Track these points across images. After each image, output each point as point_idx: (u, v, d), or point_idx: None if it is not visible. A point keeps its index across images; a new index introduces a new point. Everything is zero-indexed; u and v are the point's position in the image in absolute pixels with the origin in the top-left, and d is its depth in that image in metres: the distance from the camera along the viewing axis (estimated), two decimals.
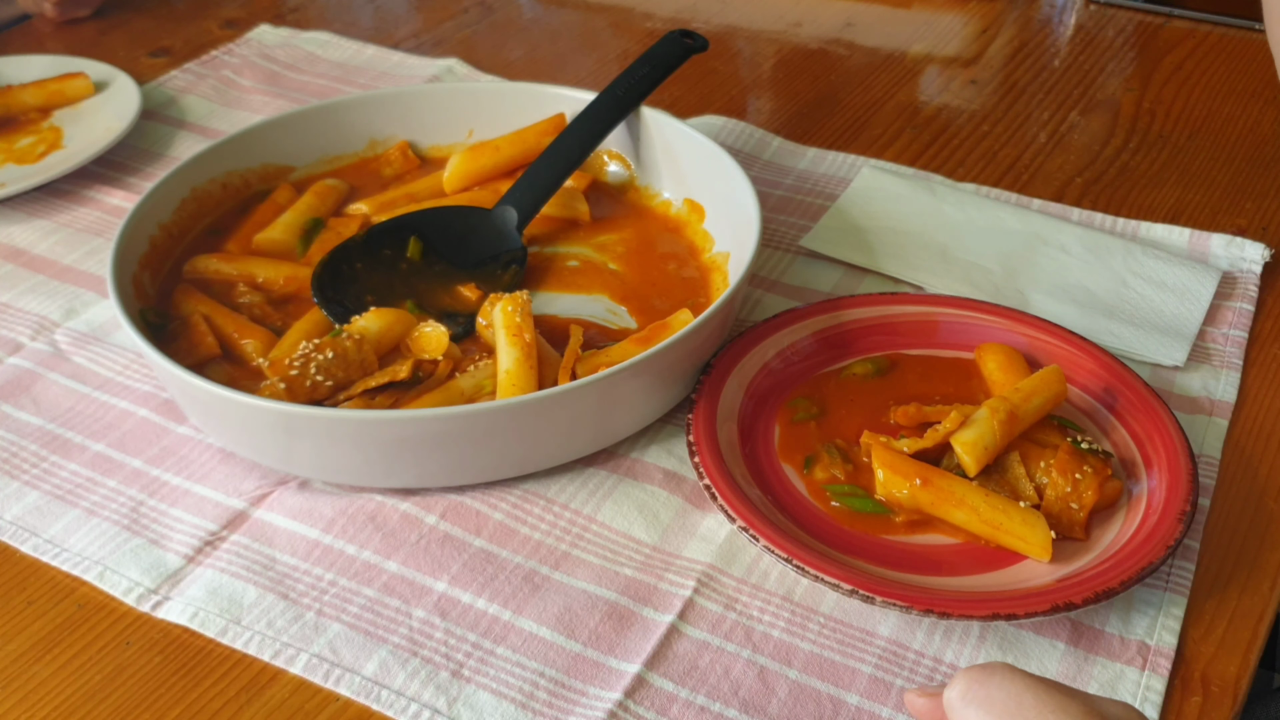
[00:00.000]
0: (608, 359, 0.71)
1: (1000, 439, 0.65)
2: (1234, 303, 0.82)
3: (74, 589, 0.65)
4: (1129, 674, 0.58)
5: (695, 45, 0.90)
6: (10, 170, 0.99)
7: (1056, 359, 0.73)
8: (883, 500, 0.65)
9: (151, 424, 0.75)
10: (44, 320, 0.84)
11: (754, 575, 0.64)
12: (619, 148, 0.92)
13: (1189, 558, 0.64)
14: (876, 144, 1.03)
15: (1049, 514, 0.63)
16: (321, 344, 0.71)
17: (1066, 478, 0.64)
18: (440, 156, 0.95)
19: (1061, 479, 0.64)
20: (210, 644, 0.62)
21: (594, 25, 1.27)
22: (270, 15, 1.28)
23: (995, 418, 0.65)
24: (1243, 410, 0.74)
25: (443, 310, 0.80)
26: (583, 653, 0.60)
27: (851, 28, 1.24)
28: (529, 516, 0.68)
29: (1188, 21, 1.22)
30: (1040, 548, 0.62)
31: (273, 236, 0.85)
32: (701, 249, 0.85)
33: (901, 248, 0.87)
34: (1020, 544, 0.62)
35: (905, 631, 0.61)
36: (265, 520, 0.68)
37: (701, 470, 0.65)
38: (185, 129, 1.07)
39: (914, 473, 0.64)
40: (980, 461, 0.64)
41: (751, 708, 0.57)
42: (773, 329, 0.75)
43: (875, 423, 0.70)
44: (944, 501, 0.63)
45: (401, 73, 1.15)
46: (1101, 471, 0.64)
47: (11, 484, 0.71)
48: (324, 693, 0.59)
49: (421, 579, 0.64)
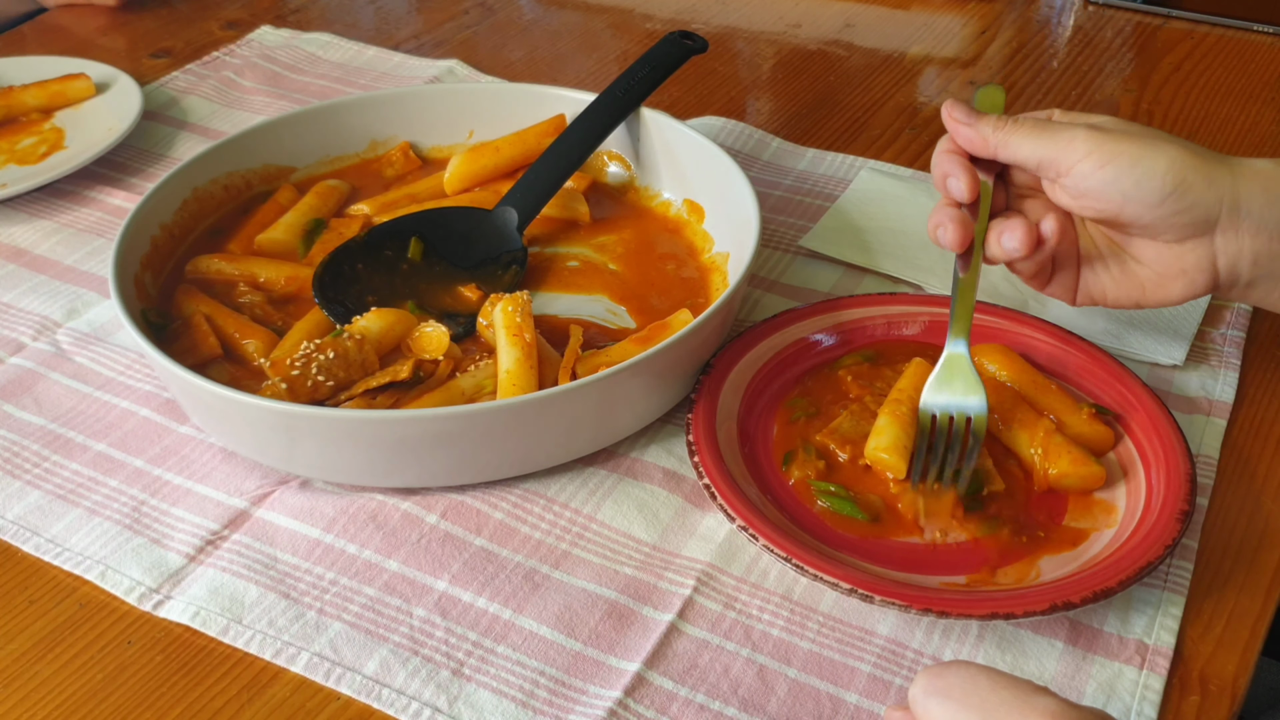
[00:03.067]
0: (608, 359, 0.71)
1: (910, 435, 0.66)
2: (1232, 303, 0.82)
3: (76, 588, 0.65)
4: (1127, 673, 0.59)
5: (695, 46, 0.91)
6: (12, 171, 0.99)
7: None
8: (856, 501, 0.66)
9: (153, 424, 0.75)
10: (46, 320, 0.84)
11: (753, 574, 0.64)
12: (619, 148, 0.93)
13: (1187, 557, 0.64)
14: (875, 144, 1.03)
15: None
16: (323, 344, 0.71)
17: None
18: (441, 157, 0.95)
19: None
20: (211, 643, 0.62)
21: (594, 26, 1.27)
22: (271, 16, 1.29)
23: (899, 419, 0.67)
24: (1241, 410, 0.74)
25: (443, 310, 0.80)
26: (583, 651, 0.60)
27: (850, 29, 1.24)
28: (529, 516, 0.68)
29: (1186, 22, 1.22)
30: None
31: (274, 237, 0.85)
32: (701, 249, 0.85)
33: (901, 248, 0.87)
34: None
35: (904, 630, 0.61)
36: (266, 520, 0.68)
37: (701, 470, 0.65)
38: (187, 130, 1.07)
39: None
40: (905, 458, 0.66)
41: (751, 706, 0.58)
42: (772, 329, 0.76)
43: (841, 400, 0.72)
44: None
45: (402, 74, 1.16)
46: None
47: (13, 483, 0.71)
48: (325, 691, 0.59)
49: (422, 578, 0.64)
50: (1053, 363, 0.74)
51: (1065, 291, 0.70)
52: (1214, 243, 0.64)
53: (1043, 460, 0.67)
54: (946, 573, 0.63)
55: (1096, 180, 0.62)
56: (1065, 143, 0.63)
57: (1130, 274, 0.68)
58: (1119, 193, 0.62)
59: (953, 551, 0.64)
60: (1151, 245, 0.66)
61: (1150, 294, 0.67)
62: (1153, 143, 0.62)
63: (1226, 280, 0.65)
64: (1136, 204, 0.62)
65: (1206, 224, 0.63)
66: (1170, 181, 0.61)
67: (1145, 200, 0.62)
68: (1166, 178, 0.62)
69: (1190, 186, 0.62)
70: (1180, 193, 0.62)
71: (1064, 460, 0.66)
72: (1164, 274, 0.66)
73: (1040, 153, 0.64)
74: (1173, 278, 0.66)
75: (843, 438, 0.69)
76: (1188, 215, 0.62)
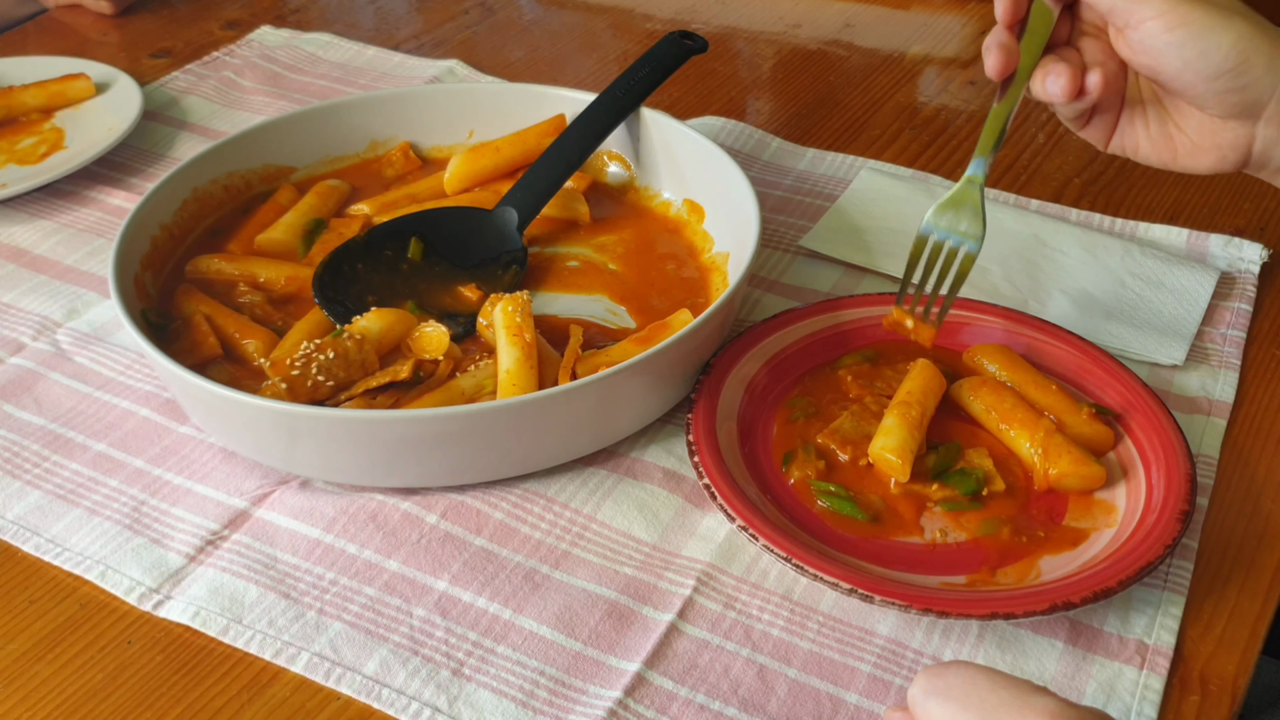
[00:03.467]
0: (608, 359, 0.71)
1: (917, 439, 0.67)
2: (1232, 303, 0.82)
3: (76, 588, 0.65)
4: (1127, 673, 0.59)
5: (695, 46, 0.91)
6: (12, 171, 0.99)
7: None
8: (856, 501, 0.66)
9: (153, 424, 0.75)
10: (46, 320, 0.84)
11: (753, 574, 0.64)
12: (619, 148, 0.93)
13: (1187, 557, 0.64)
14: (875, 144, 1.03)
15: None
16: (323, 344, 0.71)
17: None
18: (441, 157, 0.95)
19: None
20: (212, 643, 0.62)
21: (594, 26, 1.27)
22: (271, 16, 1.29)
23: (909, 422, 0.67)
24: (1241, 410, 0.74)
25: (443, 310, 0.80)
26: (583, 651, 0.60)
27: (850, 29, 1.24)
28: (529, 516, 0.68)
29: None
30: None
31: (274, 237, 0.85)
32: (701, 249, 0.85)
33: (901, 248, 0.87)
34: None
35: (904, 630, 0.61)
36: (266, 519, 0.68)
37: (701, 470, 0.65)
38: (187, 130, 1.07)
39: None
40: (909, 461, 0.66)
41: (751, 706, 0.58)
42: (772, 329, 0.76)
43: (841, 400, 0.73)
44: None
45: (402, 74, 1.16)
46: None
47: (13, 483, 0.71)
48: (325, 691, 0.59)
49: (422, 578, 0.64)
50: (1053, 363, 0.74)
51: (1100, 136, 0.70)
52: (1256, 127, 0.64)
53: (1043, 460, 0.67)
54: (946, 573, 0.63)
55: (1161, 41, 0.62)
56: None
57: (1168, 135, 0.67)
58: (1180, 59, 0.62)
59: (953, 551, 0.64)
60: (1196, 115, 0.66)
61: (1181, 159, 0.67)
62: (1225, 15, 0.61)
63: (1257, 163, 0.66)
64: (1194, 73, 0.62)
65: (1256, 106, 0.63)
66: (1234, 58, 0.61)
67: (1204, 71, 0.62)
68: (1231, 53, 0.61)
69: (1251, 66, 0.61)
70: (1239, 71, 0.61)
71: (1064, 460, 0.66)
72: (1199, 144, 0.66)
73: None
74: (1207, 150, 0.66)
75: (844, 438, 0.69)
76: (1239, 95, 0.62)
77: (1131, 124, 0.68)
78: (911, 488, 0.67)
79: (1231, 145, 0.65)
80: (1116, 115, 0.68)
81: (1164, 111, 0.67)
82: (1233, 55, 0.61)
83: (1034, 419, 0.68)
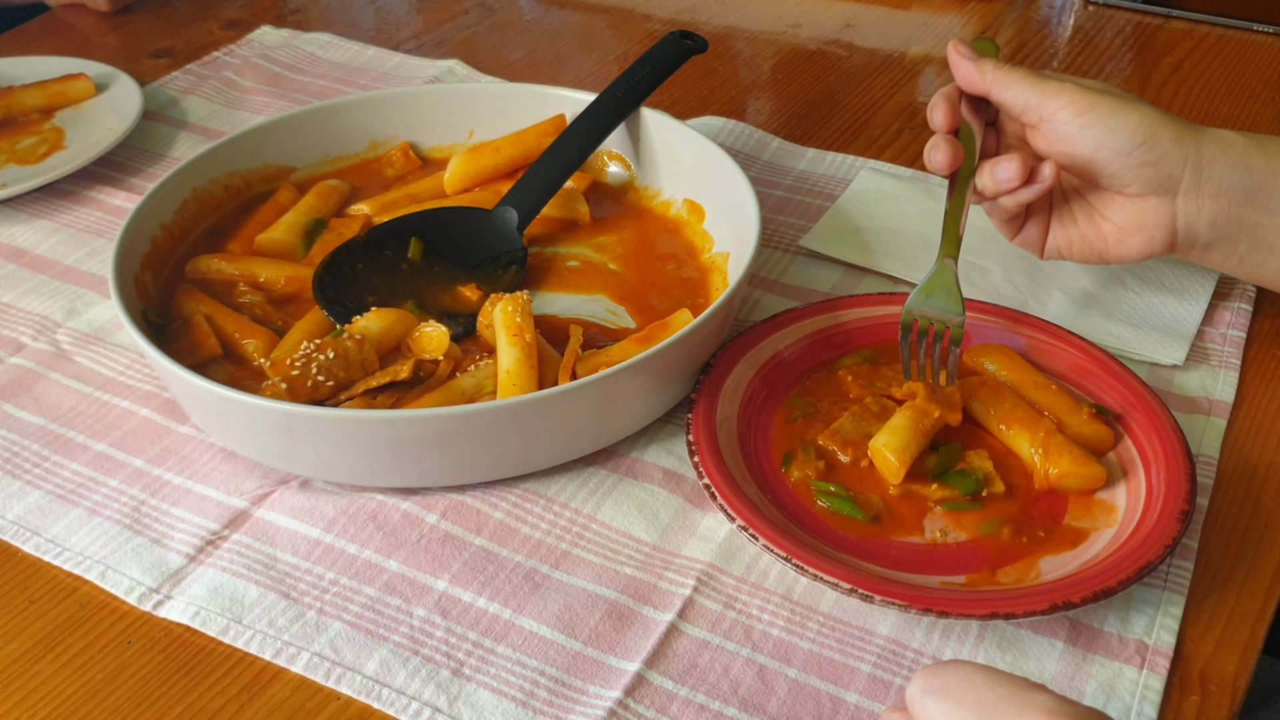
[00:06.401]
0: (608, 359, 0.71)
1: (920, 446, 0.67)
2: (1232, 303, 0.82)
3: (76, 588, 0.65)
4: (1127, 673, 0.59)
5: (695, 46, 0.91)
6: (12, 171, 0.99)
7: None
8: (856, 501, 0.66)
9: (153, 424, 0.75)
10: (46, 320, 0.84)
11: (753, 574, 0.64)
12: (619, 148, 0.93)
13: (1187, 557, 0.64)
14: (875, 144, 1.03)
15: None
16: (323, 344, 0.71)
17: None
18: (441, 157, 0.95)
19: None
20: (212, 643, 0.62)
21: (594, 26, 1.27)
22: (271, 16, 1.29)
23: (921, 432, 0.67)
24: (1241, 410, 0.74)
25: (443, 310, 0.80)
26: (583, 651, 0.61)
27: (851, 29, 1.24)
28: (529, 516, 0.68)
29: (1186, 22, 1.22)
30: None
31: (274, 237, 0.85)
32: (701, 249, 0.85)
33: (901, 248, 0.87)
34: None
35: (904, 630, 0.61)
36: (266, 519, 0.68)
37: (701, 470, 0.65)
38: (187, 130, 1.07)
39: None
40: (905, 465, 0.66)
41: (751, 706, 0.58)
42: (772, 329, 0.76)
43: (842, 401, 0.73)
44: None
45: (402, 74, 1.16)
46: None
47: (13, 483, 0.71)
48: (325, 691, 0.59)
49: (422, 578, 0.64)
50: (1053, 363, 0.74)
51: (1034, 243, 0.75)
52: (1175, 202, 0.68)
53: (1043, 460, 0.67)
54: (946, 573, 0.63)
55: (1074, 126, 0.68)
56: (1051, 91, 0.69)
57: (1096, 226, 0.72)
58: (1093, 139, 0.68)
59: (953, 551, 0.64)
60: (1116, 199, 0.70)
61: (1112, 248, 0.72)
62: (1128, 99, 0.69)
63: (1184, 241, 0.70)
64: (1108, 151, 0.68)
65: (1171, 180, 0.68)
66: (1141, 133, 0.67)
67: (1117, 148, 0.67)
68: (1139, 129, 0.67)
69: (1159, 140, 0.67)
70: (1149, 145, 0.67)
71: (1064, 460, 0.66)
72: (1125, 228, 0.71)
73: (1027, 96, 0.70)
74: (1133, 232, 0.70)
75: (844, 439, 0.69)
76: (1153, 169, 0.67)
77: (1061, 223, 0.73)
78: (911, 488, 0.67)
79: (1156, 224, 0.69)
80: (1047, 218, 0.74)
81: (1089, 205, 0.72)
82: (1140, 130, 0.67)
83: (1034, 419, 0.68)
